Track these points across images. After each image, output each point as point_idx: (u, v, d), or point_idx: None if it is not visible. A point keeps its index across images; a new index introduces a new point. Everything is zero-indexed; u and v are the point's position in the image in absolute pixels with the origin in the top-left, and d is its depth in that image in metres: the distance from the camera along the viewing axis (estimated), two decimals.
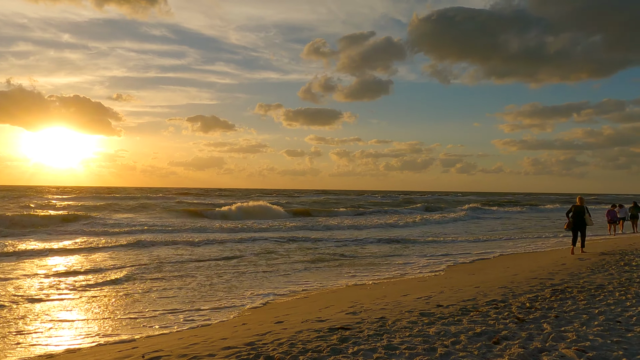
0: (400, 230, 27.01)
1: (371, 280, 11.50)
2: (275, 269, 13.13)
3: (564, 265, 12.13)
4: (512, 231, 27.66)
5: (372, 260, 15.13)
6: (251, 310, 8.42)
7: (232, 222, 30.13)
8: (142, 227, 25.05)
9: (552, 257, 14.57)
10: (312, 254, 16.21)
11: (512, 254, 16.76)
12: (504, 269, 12.33)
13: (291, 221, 31.89)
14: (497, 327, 6.05)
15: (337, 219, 35.56)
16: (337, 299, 8.86)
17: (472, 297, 8.07)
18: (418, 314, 6.84)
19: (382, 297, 8.70)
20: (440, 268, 13.42)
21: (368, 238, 21.64)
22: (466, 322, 6.35)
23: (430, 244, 20.15)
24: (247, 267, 13.36)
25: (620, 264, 11.80)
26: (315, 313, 7.40)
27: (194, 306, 8.86)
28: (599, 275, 10.17)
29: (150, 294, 9.93)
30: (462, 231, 27.28)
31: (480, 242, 21.37)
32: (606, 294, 8.16)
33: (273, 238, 20.88)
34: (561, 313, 6.82)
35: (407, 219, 34.51)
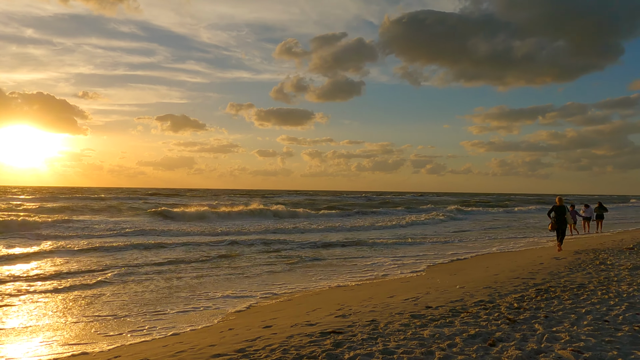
0: (379, 232, 27.06)
1: (354, 282, 11.39)
2: (255, 272, 12.87)
3: (542, 264, 12.30)
4: (489, 231, 28.07)
5: (352, 260, 15.03)
6: (235, 314, 8.17)
7: (207, 224, 29.58)
8: (112, 229, 24.31)
9: (529, 256, 14.79)
10: (291, 256, 16.00)
11: (488, 253, 16.95)
12: (484, 269, 12.41)
13: (277, 222, 31.56)
14: (490, 329, 6.01)
15: (321, 219, 35.41)
16: (323, 302, 8.70)
17: (459, 297, 8.04)
18: (409, 316, 6.74)
19: (368, 298, 8.58)
20: (420, 268, 13.42)
21: (350, 239, 21.57)
22: (458, 323, 6.29)
23: (404, 245, 20.22)
24: (224, 270, 13.05)
25: (595, 263, 12.04)
26: (304, 316, 7.22)
27: (174, 310, 8.54)
28: (578, 275, 10.33)
29: (124, 298, 9.55)
30: (441, 232, 27.52)
31: (455, 242, 21.58)
32: (589, 293, 8.26)
33: (251, 240, 20.55)
34: (550, 313, 6.84)
35: (390, 221, 34.65)
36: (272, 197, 75.70)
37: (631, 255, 13.57)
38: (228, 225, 28.24)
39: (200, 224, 28.96)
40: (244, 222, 31.47)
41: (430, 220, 35.97)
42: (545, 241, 21.18)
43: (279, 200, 59.55)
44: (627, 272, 10.51)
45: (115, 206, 42.02)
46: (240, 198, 69.98)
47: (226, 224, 29.58)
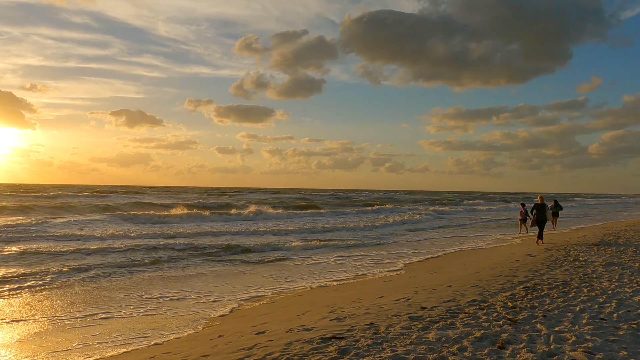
0: (348, 232, 26.92)
1: (334, 282, 11.11)
2: (226, 272, 12.38)
3: (518, 261, 12.39)
4: (456, 229, 28.46)
5: (326, 260, 14.75)
6: (220, 319, 7.70)
7: (175, 225, 28.58)
8: (62, 229, 23.03)
9: (501, 254, 14.95)
10: (266, 255, 15.57)
11: (461, 251, 17.07)
12: (462, 267, 12.40)
13: (258, 223, 30.82)
14: (494, 330, 5.84)
15: (302, 219, 34.93)
16: (311, 303, 8.36)
17: (451, 297, 7.88)
18: (407, 317, 6.51)
19: (357, 299, 8.31)
20: (397, 267, 13.29)
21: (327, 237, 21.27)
22: (460, 325, 6.10)
23: (374, 245, 20.14)
24: (190, 270, 12.49)
25: (569, 260, 12.24)
26: (295, 320, 6.86)
27: (151, 313, 7.99)
28: (557, 272, 10.42)
29: (93, 305, 8.89)
30: (408, 229, 27.66)
31: (425, 240, 21.70)
32: (576, 291, 8.30)
33: (214, 244, 19.92)
34: (546, 312, 6.77)
35: (357, 221, 34.55)
36: (235, 195, 74.47)
37: (599, 251, 13.94)
38: (190, 226, 27.40)
39: (170, 225, 27.95)
40: (211, 223, 30.63)
41: (410, 219, 36.19)
42: (510, 238, 21.62)
43: (250, 199, 58.55)
44: (603, 269, 10.71)
45: (63, 205, 40.03)
46: (202, 196, 68.55)
47: (191, 225, 28.70)
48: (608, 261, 11.81)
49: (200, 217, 31.56)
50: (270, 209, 38.57)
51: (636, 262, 11.83)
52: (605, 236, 18.54)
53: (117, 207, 37.77)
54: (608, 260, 11.91)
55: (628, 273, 10.19)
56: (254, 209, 36.94)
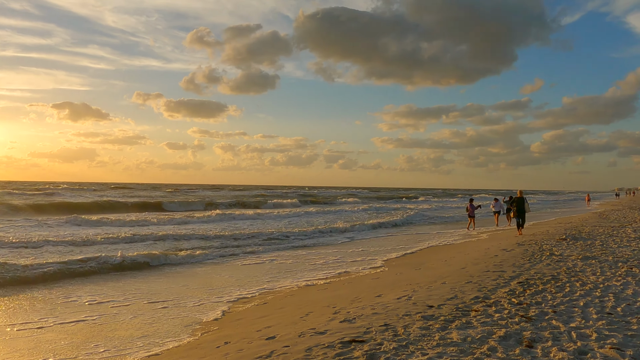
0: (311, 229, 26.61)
1: (318, 280, 10.78)
2: (193, 273, 11.80)
3: (497, 256, 12.51)
4: (423, 225, 28.76)
5: (302, 257, 14.41)
6: (217, 324, 7.20)
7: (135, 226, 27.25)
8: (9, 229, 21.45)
9: (476, 248, 15.11)
10: (239, 252, 15.03)
11: (435, 246, 17.17)
12: (444, 262, 12.39)
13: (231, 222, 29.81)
14: (513, 328, 5.71)
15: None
16: (307, 304, 7.99)
17: (452, 294, 7.74)
18: (419, 317, 6.28)
19: (355, 299, 8.02)
20: (377, 264, 13.14)
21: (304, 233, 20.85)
22: (477, 323, 5.93)
23: (349, 241, 19.98)
24: (157, 273, 11.83)
25: (546, 254, 12.45)
26: (301, 323, 6.48)
27: (131, 318, 7.37)
28: (541, 266, 10.53)
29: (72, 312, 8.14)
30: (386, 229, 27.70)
31: (386, 236, 21.75)
32: (569, 285, 8.36)
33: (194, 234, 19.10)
34: (553, 308, 6.73)
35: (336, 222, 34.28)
36: (189, 192, 72.59)
37: (570, 245, 14.32)
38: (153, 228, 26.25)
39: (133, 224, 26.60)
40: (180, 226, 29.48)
41: (394, 221, 36.28)
42: (476, 233, 22.04)
43: (207, 196, 57.13)
44: (582, 262, 10.95)
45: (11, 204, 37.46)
46: (153, 193, 66.32)
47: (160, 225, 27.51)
48: (583, 255, 12.11)
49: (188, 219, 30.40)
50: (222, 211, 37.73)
51: (609, 255, 12.20)
52: (567, 230, 19.18)
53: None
54: (582, 254, 12.22)
55: (607, 266, 10.45)
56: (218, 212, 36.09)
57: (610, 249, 13.31)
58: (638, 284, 8.52)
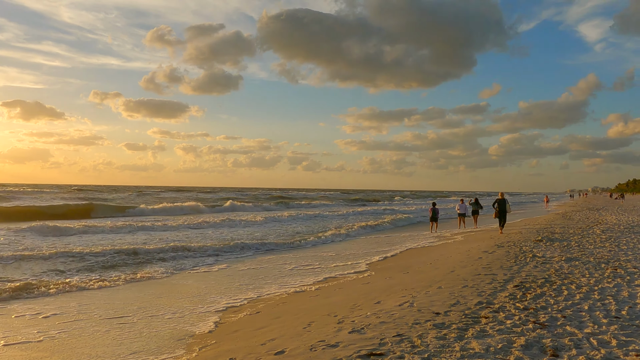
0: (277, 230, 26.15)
1: (307, 286, 10.42)
2: (180, 281, 11.22)
3: (481, 259, 12.47)
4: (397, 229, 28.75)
5: (279, 262, 14.00)
6: (212, 337, 6.72)
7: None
8: None
9: (455, 251, 15.09)
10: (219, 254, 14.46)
11: (410, 249, 17.10)
12: (430, 265, 12.26)
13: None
14: (531, 336, 5.53)
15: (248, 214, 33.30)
16: (305, 312, 7.61)
17: (454, 300, 7.54)
18: (431, 325, 6.02)
19: (354, 306, 7.70)
20: (361, 268, 12.89)
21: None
22: (492, 331, 5.72)
23: (324, 243, 19.69)
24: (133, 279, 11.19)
25: (528, 256, 12.50)
26: (306, 334, 6.10)
27: (111, 332, 6.80)
28: (528, 269, 10.52)
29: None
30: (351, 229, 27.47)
31: (362, 238, 21.60)
32: (565, 288, 8.32)
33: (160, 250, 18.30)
34: (561, 312, 6.62)
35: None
36: (146, 195, 70.63)
37: (548, 247, 14.50)
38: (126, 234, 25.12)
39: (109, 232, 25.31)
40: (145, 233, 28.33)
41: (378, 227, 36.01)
42: (449, 235, 22.18)
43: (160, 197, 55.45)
44: (567, 264, 11.02)
45: None
46: (111, 195, 64.11)
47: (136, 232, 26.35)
48: (566, 257, 12.22)
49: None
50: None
51: (589, 256, 12.38)
52: (539, 232, 19.52)
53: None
54: (565, 256, 12.34)
55: (592, 268, 10.55)
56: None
57: (588, 250, 13.54)
58: (629, 285, 8.58)
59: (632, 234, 18.36)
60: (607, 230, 19.67)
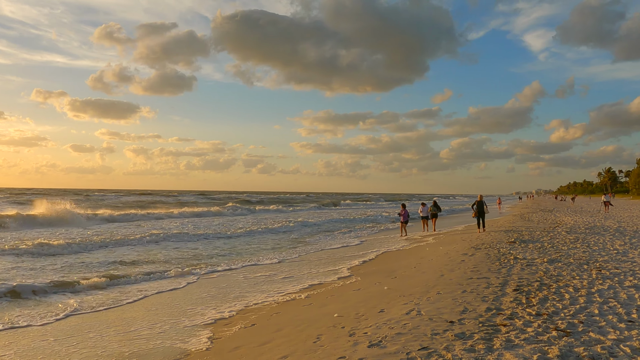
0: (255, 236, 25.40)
1: (294, 294, 9.90)
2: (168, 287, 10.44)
3: (463, 262, 12.34)
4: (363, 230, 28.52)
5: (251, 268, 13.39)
6: (212, 355, 6.08)
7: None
8: None
9: (433, 253, 14.96)
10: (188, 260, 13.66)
11: (386, 253, 16.89)
12: (414, 269, 12.01)
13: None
14: (561, 344, 5.28)
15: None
16: (306, 323, 7.10)
17: (461, 307, 7.23)
18: (453, 336, 5.67)
19: (358, 315, 7.26)
20: (344, 274, 12.49)
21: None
22: (519, 341, 5.44)
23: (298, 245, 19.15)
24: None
25: (510, 258, 12.48)
26: (322, 350, 5.61)
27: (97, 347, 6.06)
28: (516, 271, 10.44)
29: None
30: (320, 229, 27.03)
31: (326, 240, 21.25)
32: (564, 292, 8.23)
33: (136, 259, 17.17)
34: (576, 317, 6.46)
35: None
36: (97, 198, 67.60)
37: (523, 248, 14.62)
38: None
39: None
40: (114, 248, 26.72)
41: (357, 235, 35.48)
42: (418, 237, 22.19)
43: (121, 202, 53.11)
44: (551, 266, 11.05)
45: None
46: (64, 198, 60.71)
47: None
48: (546, 258, 12.29)
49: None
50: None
51: (568, 257, 12.52)
52: (507, 234, 19.80)
53: None
54: (546, 258, 12.40)
55: (577, 269, 10.61)
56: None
57: (563, 251, 13.74)
58: (622, 287, 8.61)
59: (594, 234, 18.93)
60: (571, 232, 20.23)
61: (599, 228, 22.12)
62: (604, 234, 18.93)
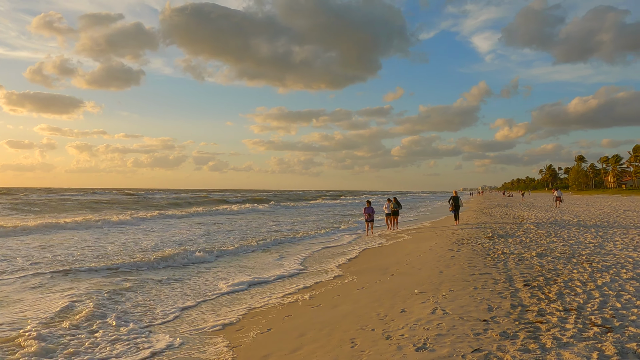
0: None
1: (296, 295, 9.48)
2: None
3: (453, 257, 12.31)
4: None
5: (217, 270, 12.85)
6: None
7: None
8: None
9: (417, 250, 14.91)
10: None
11: (367, 250, 16.73)
12: (407, 266, 11.85)
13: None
14: (611, 341, 5.18)
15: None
16: (327, 326, 6.70)
17: (484, 304, 7.05)
18: (497, 336, 5.47)
19: (379, 316, 6.94)
20: (334, 274, 12.18)
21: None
22: (567, 339, 5.30)
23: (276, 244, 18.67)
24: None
25: (498, 253, 12.56)
26: (368, 357, 5.24)
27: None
28: (513, 266, 10.46)
29: None
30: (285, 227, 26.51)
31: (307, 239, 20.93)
32: (575, 286, 8.26)
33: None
34: (603, 312, 6.44)
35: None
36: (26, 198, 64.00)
37: (505, 243, 14.82)
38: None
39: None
40: None
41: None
42: (391, 234, 22.20)
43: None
44: (543, 260, 11.17)
45: None
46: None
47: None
48: (533, 252, 12.46)
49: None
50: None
51: (552, 251, 12.75)
52: (480, 228, 20.14)
53: None
54: (530, 252, 12.57)
55: (569, 264, 10.70)
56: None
57: (543, 245, 14.02)
58: (622, 279, 8.75)
59: (562, 228, 19.55)
60: (539, 226, 20.81)
61: (561, 222, 22.93)
62: (570, 228, 19.59)
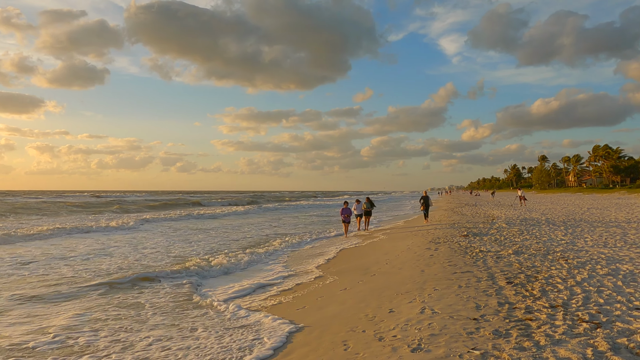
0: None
1: (277, 297, 9.31)
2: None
3: (432, 256, 12.38)
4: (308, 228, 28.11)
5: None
6: None
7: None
8: None
9: (394, 249, 14.94)
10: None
11: (344, 250, 16.68)
12: (387, 265, 11.84)
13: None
14: (601, 336, 5.24)
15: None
16: (320, 328, 6.56)
17: (471, 303, 7.07)
18: (491, 335, 5.46)
19: (368, 317, 6.83)
20: (314, 274, 12.05)
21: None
22: (559, 336, 5.34)
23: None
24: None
25: (476, 252, 12.67)
26: (358, 359, 5.14)
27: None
28: (492, 264, 10.58)
29: None
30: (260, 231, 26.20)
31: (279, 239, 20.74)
32: (556, 283, 8.39)
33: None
34: (588, 308, 6.54)
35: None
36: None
37: (480, 241, 15.01)
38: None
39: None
40: None
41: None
42: (367, 234, 22.23)
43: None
44: (520, 258, 11.35)
45: None
46: None
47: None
48: (511, 251, 12.65)
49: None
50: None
51: (528, 248, 12.99)
52: (454, 227, 20.40)
53: None
54: (507, 250, 12.76)
55: (546, 261, 10.92)
56: None
57: (518, 243, 14.28)
58: (598, 275, 8.95)
59: (532, 226, 19.99)
60: (510, 224, 21.22)
61: (530, 220, 23.46)
62: (540, 226, 20.06)
